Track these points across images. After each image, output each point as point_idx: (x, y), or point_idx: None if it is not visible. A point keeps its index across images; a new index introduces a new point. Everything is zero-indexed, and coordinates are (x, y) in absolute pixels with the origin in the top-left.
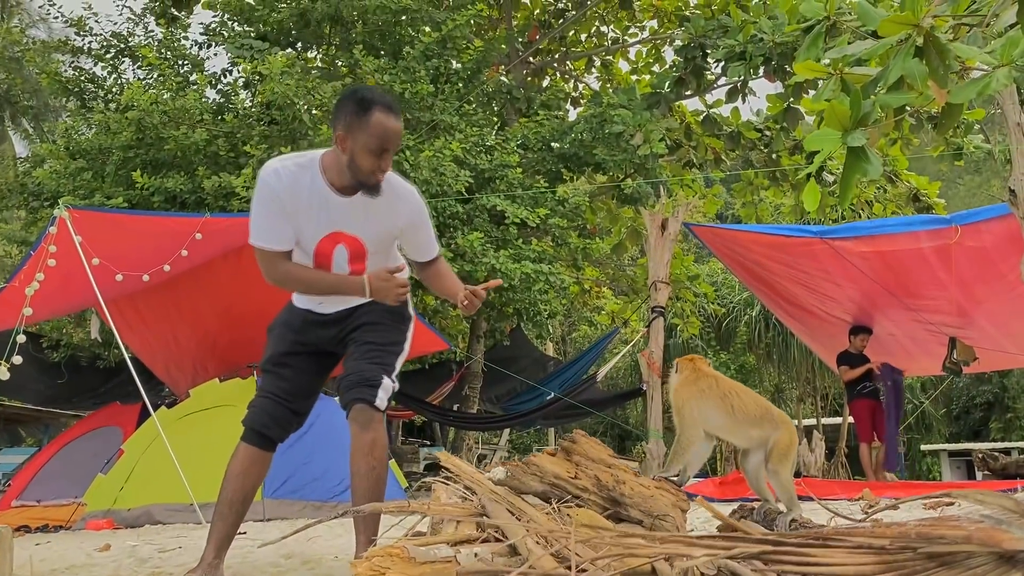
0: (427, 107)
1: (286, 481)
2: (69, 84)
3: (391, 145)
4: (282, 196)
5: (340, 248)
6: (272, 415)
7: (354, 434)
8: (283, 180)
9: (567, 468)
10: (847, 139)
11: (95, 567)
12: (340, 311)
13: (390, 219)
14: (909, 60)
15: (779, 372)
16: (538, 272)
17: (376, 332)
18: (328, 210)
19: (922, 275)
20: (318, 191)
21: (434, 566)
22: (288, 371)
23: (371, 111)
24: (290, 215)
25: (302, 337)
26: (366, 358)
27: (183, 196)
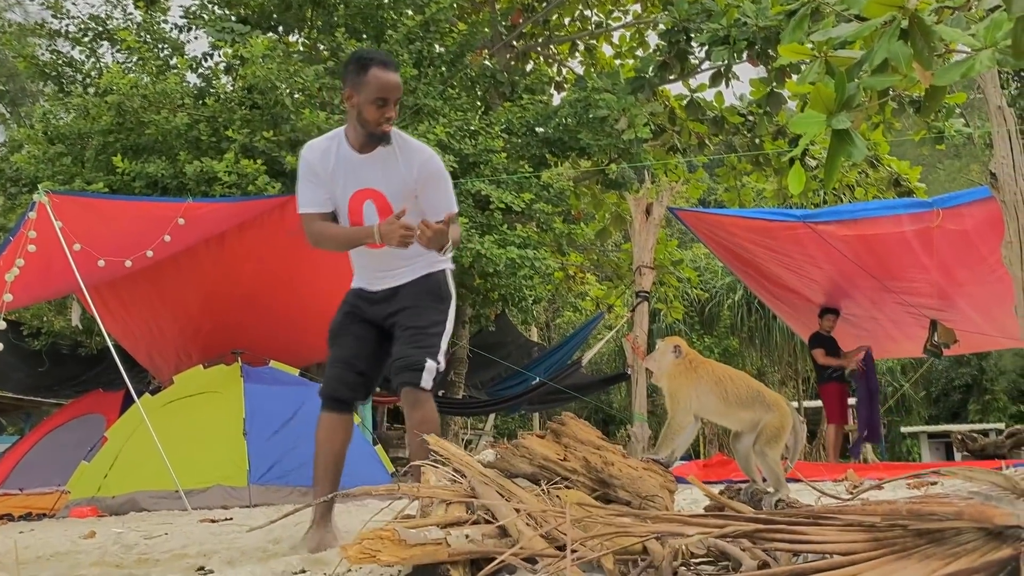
0: (410, 91)
1: (272, 467)
2: (46, 68)
3: (390, 95)
4: (314, 165)
5: (368, 203)
6: (338, 378)
7: (406, 415)
8: (315, 151)
9: (556, 450)
10: (832, 122)
11: (80, 554)
12: (385, 290)
13: (405, 172)
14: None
15: (761, 356)
16: (523, 257)
17: (417, 316)
18: (353, 170)
19: (904, 258)
20: (343, 155)
21: (424, 548)
22: (346, 339)
23: (369, 67)
24: (323, 181)
25: (355, 309)
26: (410, 343)
27: (164, 181)
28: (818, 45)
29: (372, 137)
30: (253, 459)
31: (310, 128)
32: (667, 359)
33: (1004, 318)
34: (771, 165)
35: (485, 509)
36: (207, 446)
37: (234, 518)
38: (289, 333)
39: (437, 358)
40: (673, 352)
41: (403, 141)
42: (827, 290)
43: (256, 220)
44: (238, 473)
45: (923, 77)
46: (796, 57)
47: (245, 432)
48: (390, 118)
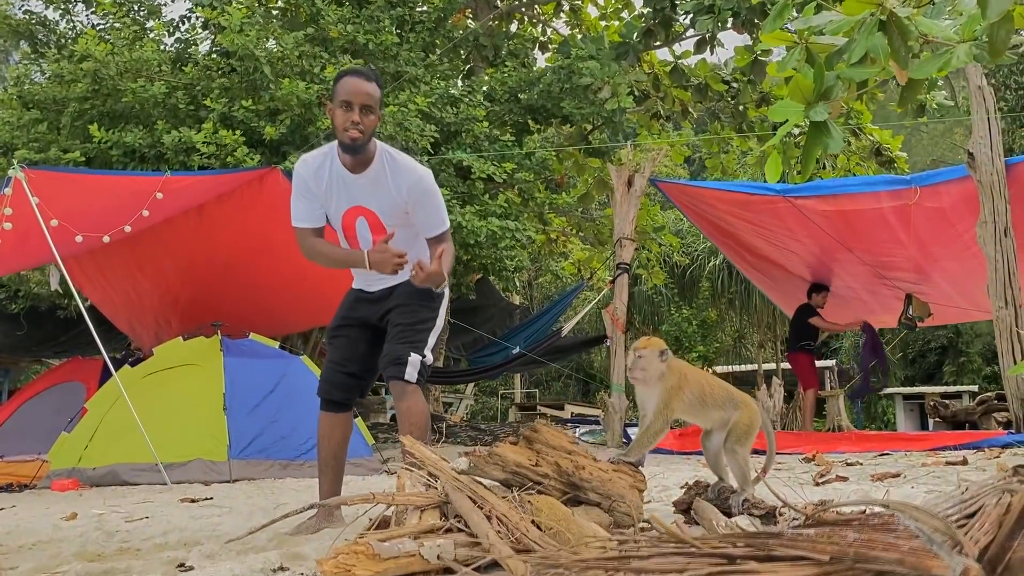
0: (392, 56)
1: (253, 440)
2: (19, 27)
3: (354, 99)
4: (308, 181)
5: (361, 220)
6: (331, 381)
7: (395, 406)
8: (309, 167)
9: (528, 456)
10: (809, 112)
11: (62, 542)
12: (382, 290)
13: (395, 193)
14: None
15: (741, 318)
16: (504, 228)
17: (406, 314)
18: (345, 188)
19: (882, 234)
20: (336, 172)
21: (398, 561)
22: (341, 340)
23: (342, 78)
24: (316, 196)
25: (352, 312)
26: (396, 339)
27: (142, 150)
28: (799, 32)
29: (344, 147)
30: (233, 433)
31: (289, 97)
32: (657, 366)
33: (977, 292)
34: (755, 133)
35: (457, 515)
36: (187, 419)
37: (214, 497)
38: (268, 304)
39: (423, 352)
40: (661, 357)
41: (394, 162)
42: (806, 262)
43: (235, 191)
44: (218, 447)
45: (899, 74)
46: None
47: (225, 407)
48: (355, 121)
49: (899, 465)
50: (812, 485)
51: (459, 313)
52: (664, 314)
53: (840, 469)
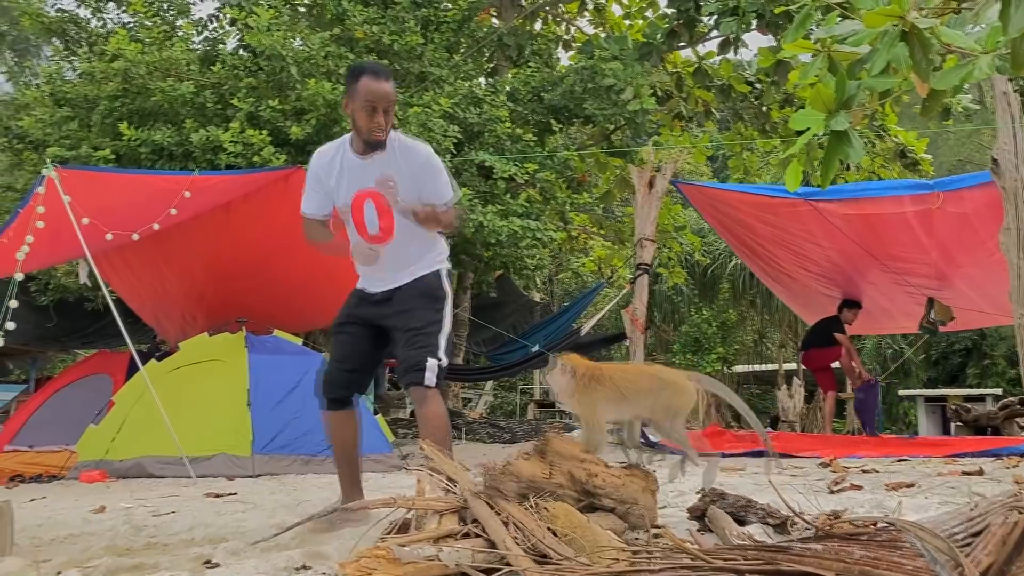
0: (416, 57)
1: (276, 436)
2: (52, 25)
3: (379, 102)
4: (318, 171)
5: (369, 203)
6: (330, 379)
7: (416, 411)
8: (321, 158)
9: (542, 468)
10: (830, 122)
11: (92, 535)
12: (384, 292)
13: (399, 174)
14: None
15: (762, 317)
16: (525, 228)
17: (412, 318)
18: (355, 172)
19: (904, 238)
20: (346, 160)
21: (417, 566)
22: (343, 337)
23: (360, 78)
24: (325, 185)
25: (355, 311)
26: (410, 345)
27: (170, 149)
28: (822, 41)
29: (367, 144)
30: (257, 429)
31: (315, 98)
32: (565, 380)
33: (1002, 297)
34: (778, 133)
35: (475, 520)
36: (212, 414)
37: (238, 492)
38: (292, 301)
39: (438, 355)
40: (567, 374)
41: (401, 144)
42: (824, 269)
43: (261, 189)
44: (242, 442)
45: (920, 88)
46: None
47: (249, 402)
48: (381, 124)
49: (915, 473)
50: (827, 493)
51: (479, 310)
52: (684, 313)
53: (855, 476)
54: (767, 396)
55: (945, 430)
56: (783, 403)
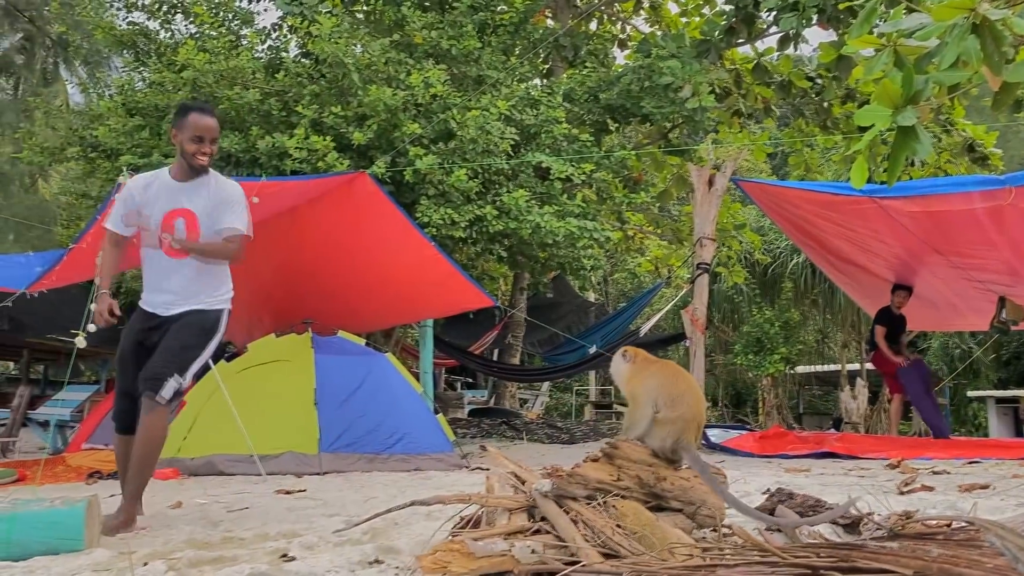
0: (474, 60)
1: (341, 434)
2: (123, 38)
3: (206, 134)
4: (134, 193)
5: (179, 220)
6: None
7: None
8: (138, 182)
9: (609, 472)
10: (897, 118)
11: (171, 529)
12: (167, 315)
13: (208, 201)
14: (965, 40)
15: (824, 317)
16: (582, 229)
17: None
18: (170, 193)
19: (973, 235)
20: (163, 184)
21: (491, 559)
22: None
23: (189, 114)
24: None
25: (136, 338)
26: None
27: (237, 155)
28: (888, 35)
29: (191, 168)
30: (323, 427)
31: (376, 103)
32: (624, 366)
33: None
34: (839, 129)
35: (544, 517)
36: (280, 413)
37: (307, 489)
38: (355, 302)
39: (184, 375)
40: (627, 360)
41: (217, 179)
42: (892, 265)
43: (326, 194)
44: (309, 441)
45: (992, 82)
46: (865, 47)
47: (316, 401)
48: (205, 151)
49: (989, 475)
50: (896, 494)
51: (535, 310)
52: (745, 313)
53: (926, 478)
54: (829, 397)
55: (1018, 432)
56: (846, 404)
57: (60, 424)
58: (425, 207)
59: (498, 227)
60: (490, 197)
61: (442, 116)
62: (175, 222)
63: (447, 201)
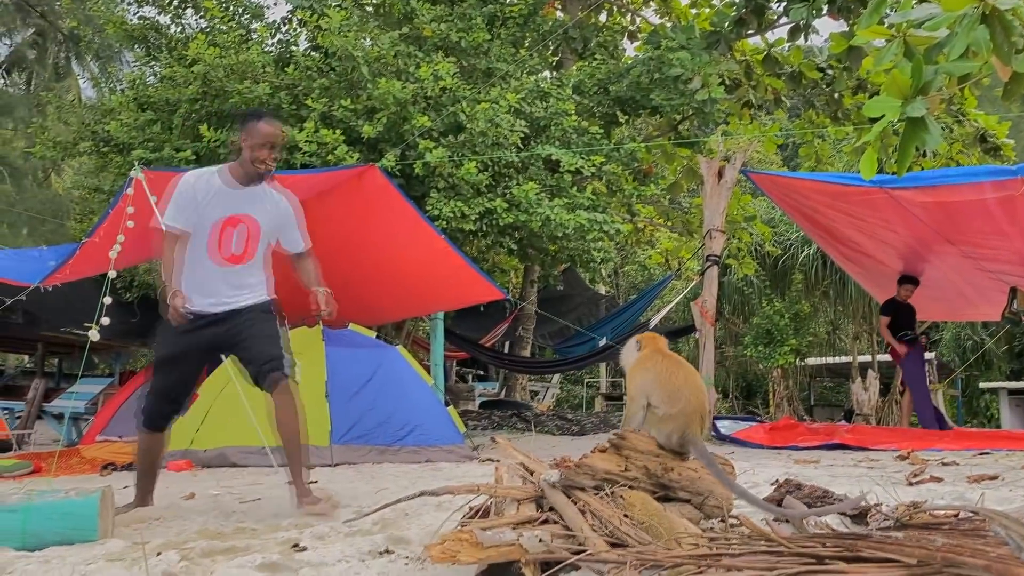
0: (483, 53)
1: (352, 427)
2: (134, 32)
3: (276, 140)
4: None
5: (241, 226)
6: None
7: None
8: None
9: (617, 462)
10: (906, 108)
11: (184, 520)
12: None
13: (270, 210)
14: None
15: (836, 309)
16: (592, 221)
17: (265, 327)
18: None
19: (984, 225)
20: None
21: (499, 549)
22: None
23: (259, 120)
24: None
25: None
26: (267, 343)
27: None
28: (897, 26)
29: (251, 176)
30: (335, 419)
31: (385, 96)
32: (631, 355)
33: None
34: (850, 120)
35: (552, 508)
36: None
37: (318, 481)
38: (366, 295)
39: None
40: (634, 349)
41: (276, 187)
42: (903, 254)
43: (335, 187)
44: (320, 433)
45: (1002, 72)
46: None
47: (327, 394)
48: (273, 160)
49: (998, 466)
50: (905, 485)
51: (545, 303)
52: (755, 305)
53: (935, 469)
54: (840, 389)
55: None
56: (858, 396)
57: (74, 416)
58: (435, 200)
59: (508, 220)
60: (500, 190)
61: (452, 109)
62: (235, 230)
63: (457, 194)
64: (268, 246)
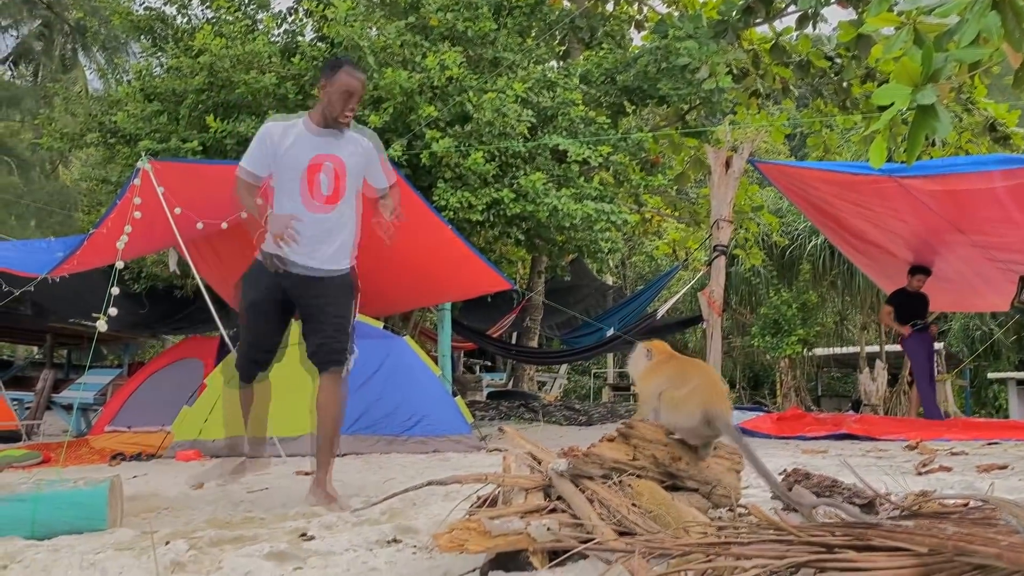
0: (490, 42)
1: (360, 417)
2: (140, 23)
3: (354, 92)
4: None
5: (327, 165)
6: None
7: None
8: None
9: (625, 452)
10: (916, 96)
11: (193, 509)
12: (308, 269)
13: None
14: (986, 17)
15: (843, 299)
16: (599, 212)
17: (340, 306)
18: (310, 141)
19: (993, 214)
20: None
21: (507, 538)
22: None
23: (340, 69)
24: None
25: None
26: (335, 330)
27: None
28: (907, 13)
29: (331, 125)
30: None
31: (392, 86)
32: (640, 362)
33: None
34: (859, 109)
35: (560, 496)
36: (299, 396)
37: None
38: (373, 286)
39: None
40: (644, 356)
41: (353, 128)
42: (912, 244)
43: None
44: None
45: (1013, 59)
46: (883, 25)
47: None
48: (352, 110)
49: (1007, 456)
50: (914, 474)
51: (553, 293)
52: (762, 295)
53: (944, 459)
54: (848, 379)
55: None
56: (865, 386)
57: (83, 407)
58: (442, 190)
59: (515, 210)
60: (507, 180)
61: (458, 99)
62: (321, 172)
63: (464, 184)
64: (357, 190)
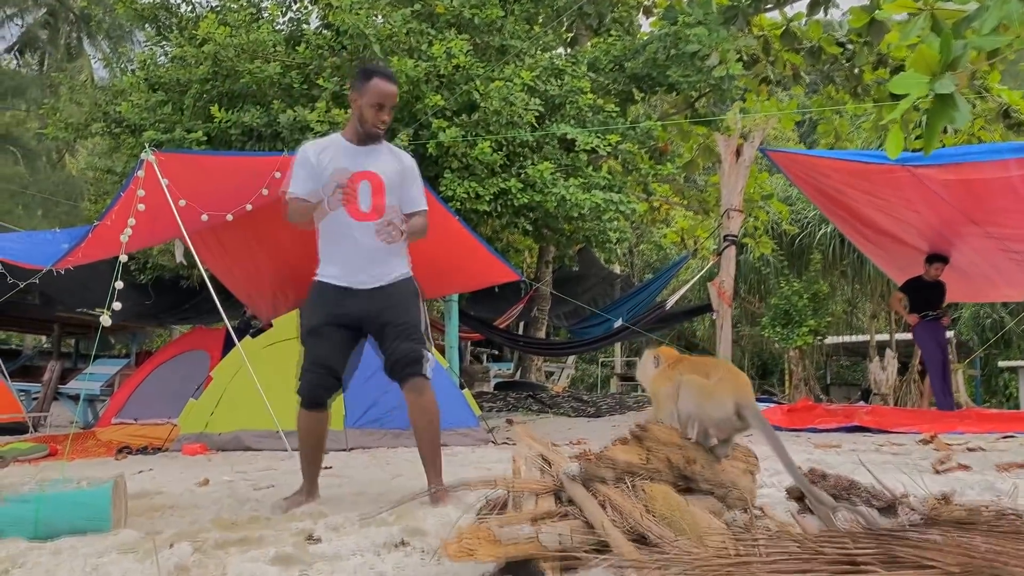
0: (496, 30)
1: (367, 411)
2: (144, 12)
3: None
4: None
5: (364, 183)
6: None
7: (414, 400)
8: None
9: (639, 454)
10: (934, 85)
11: (198, 508)
12: (371, 287)
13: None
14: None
15: (853, 288)
16: (608, 201)
17: (407, 313)
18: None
19: (1008, 203)
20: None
21: (518, 546)
22: (324, 341)
23: (372, 77)
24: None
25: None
26: (406, 337)
27: (259, 129)
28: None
29: (367, 135)
30: (349, 403)
31: (398, 75)
32: (650, 368)
33: None
34: (871, 96)
35: (571, 500)
36: None
37: (333, 466)
38: None
39: (430, 348)
40: (653, 362)
41: (391, 147)
42: (925, 234)
43: None
44: (335, 417)
45: None
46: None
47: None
48: (384, 120)
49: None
50: (932, 473)
51: (561, 283)
52: (772, 284)
53: (961, 455)
54: (858, 368)
55: None
56: (875, 375)
57: (90, 398)
58: (449, 180)
59: (523, 200)
60: (515, 170)
61: (465, 87)
62: (359, 185)
63: (471, 174)
64: (396, 207)
